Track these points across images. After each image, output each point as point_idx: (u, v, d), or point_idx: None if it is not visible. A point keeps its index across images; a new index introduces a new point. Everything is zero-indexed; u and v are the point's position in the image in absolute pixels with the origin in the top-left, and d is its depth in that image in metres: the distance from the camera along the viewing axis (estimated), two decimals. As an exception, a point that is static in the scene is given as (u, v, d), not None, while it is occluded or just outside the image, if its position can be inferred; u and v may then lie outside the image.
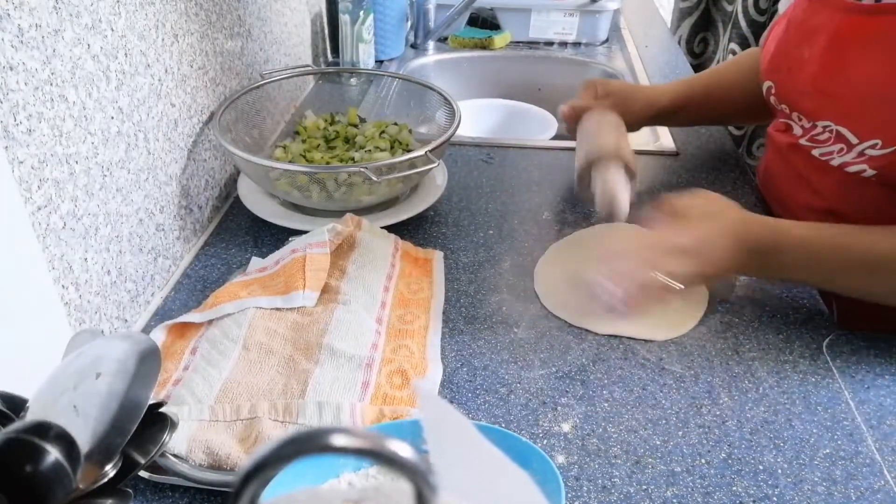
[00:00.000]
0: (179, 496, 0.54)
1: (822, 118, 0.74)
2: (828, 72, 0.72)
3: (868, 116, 0.69)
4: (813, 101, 0.75)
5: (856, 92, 0.70)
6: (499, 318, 0.73)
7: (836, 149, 0.74)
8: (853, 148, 0.72)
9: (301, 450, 0.20)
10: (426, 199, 0.89)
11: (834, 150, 0.74)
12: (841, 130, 0.72)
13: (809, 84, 0.75)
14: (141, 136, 0.71)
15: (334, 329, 0.65)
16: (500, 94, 1.40)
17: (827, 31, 0.72)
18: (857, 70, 0.69)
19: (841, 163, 0.74)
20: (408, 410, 0.57)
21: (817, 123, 0.75)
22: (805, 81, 0.75)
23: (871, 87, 0.68)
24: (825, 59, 0.72)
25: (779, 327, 0.72)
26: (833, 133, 0.74)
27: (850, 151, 0.72)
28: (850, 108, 0.71)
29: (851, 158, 0.72)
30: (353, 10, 1.24)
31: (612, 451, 0.58)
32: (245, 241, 0.85)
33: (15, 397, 0.38)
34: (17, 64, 0.53)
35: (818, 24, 0.74)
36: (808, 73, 0.74)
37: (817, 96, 0.75)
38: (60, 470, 0.31)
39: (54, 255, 0.59)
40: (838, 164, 0.74)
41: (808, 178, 0.81)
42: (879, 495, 0.55)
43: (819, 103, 0.75)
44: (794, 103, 0.79)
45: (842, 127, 0.72)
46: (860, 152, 0.71)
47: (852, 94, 0.70)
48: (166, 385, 0.62)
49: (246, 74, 0.98)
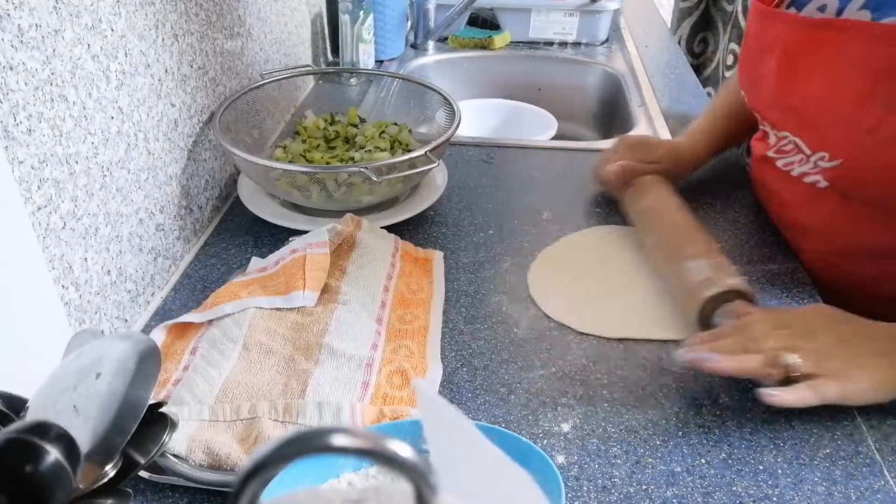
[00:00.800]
0: (179, 496, 0.54)
1: (784, 129, 0.75)
2: (784, 85, 0.73)
3: (817, 128, 0.70)
4: (776, 113, 0.76)
5: (809, 103, 0.70)
6: (499, 318, 0.73)
7: (796, 159, 0.75)
8: (809, 159, 0.73)
9: (301, 450, 0.20)
10: (426, 199, 0.89)
11: (795, 160, 0.75)
12: (797, 141, 0.73)
13: (770, 97, 0.76)
14: (141, 136, 0.71)
15: (334, 329, 0.65)
16: (500, 94, 1.40)
17: (780, 45, 0.72)
18: (808, 83, 0.70)
19: (800, 173, 0.75)
20: (408, 410, 0.57)
21: (780, 134, 0.76)
22: (767, 94, 0.76)
23: (819, 100, 0.69)
24: (781, 73, 0.73)
25: (779, 327, 0.72)
26: (793, 144, 0.75)
27: (807, 162, 0.73)
28: (805, 119, 0.72)
29: (808, 169, 0.73)
30: (353, 10, 1.24)
31: (612, 451, 0.58)
32: (245, 241, 0.85)
33: (15, 397, 0.38)
34: (17, 64, 0.53)
35: (772, 38, 0.74)
36: (769, 86, 0.75)
37: (779, 108, 0.75)
38: (60, 470, 0.31)
39: (54, 255, 0.59)
40: (798, 174, 0.75)
41: (775, 190, 0.82)
42: (879, 495, 0.55)
43: (782, 114, 0.75)
44: (762, 114, 0.80)
45: (797, 137, 0.73)
46: (814, 163, 0.72)
47: (805, 106, 0.71)
48: (166, 385, 0.62)
49: (246, 74, 0.98)
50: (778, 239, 0.85)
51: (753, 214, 0.90)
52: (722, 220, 0.89)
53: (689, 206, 0.82)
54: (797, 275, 0.79)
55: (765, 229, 0.87)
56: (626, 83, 1.34)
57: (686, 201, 0.83)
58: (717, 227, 0.87)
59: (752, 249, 0.83)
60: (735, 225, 0.88)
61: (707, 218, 0.89)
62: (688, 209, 0.81)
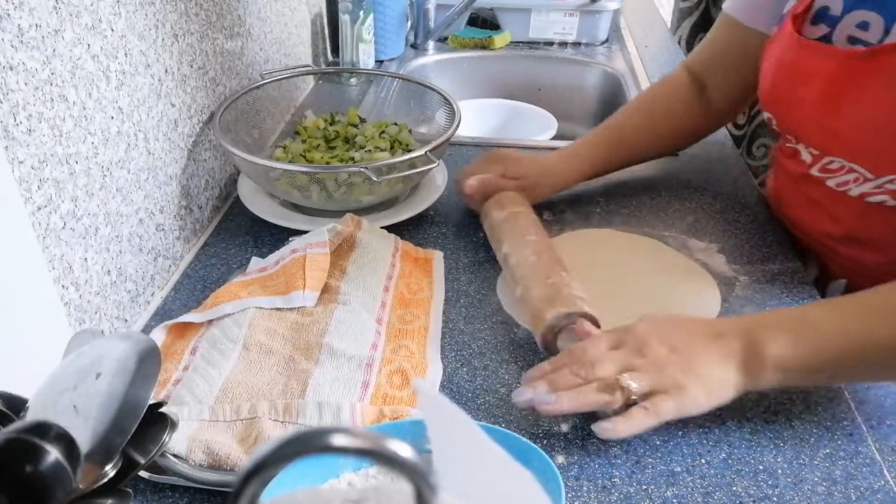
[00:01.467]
0: (179, 496, 0.54)
1: (832, 154, 0.72)
2: (827, 111, 0.70)
3: (879, 153, 0.67)
4: (818, 137, 0.73)
5: (860, 130, 0.67)
6: (499, 319, 0.73)
7: (851, 178, 0.72)
8: (870, 181, 0.70)
9: (301, 450, 0.20)
10: (426, 199, 0.89)
11: (849, 179, 0.72)
12: (854, 167, 0.70)
13: (811, 121, 0.73)
14: (141, 136, 0.71)
15: (334, 329, 0.65)
16: (500, 94, 1.40)
17: (822, 76, 0.69)
18: (856, 110, 0.67)
19: (860, 193, 0.72)
20: (408, 410, 0.57)
21: (831, 159, 0.73)
22: (806, 118, 0.73)
23: (875, 124, 0.66)
24: (823, 100, 0.70)
25: (779, 327, 0.72)
26: (846, 167, 0.71)
27: (866, 183, 0.70)
28: (858, 146, 0.69)
29: (870, 189, 0.70)
30: (353, 10, 1.24)
31: (612, 451, 0.58)
32: (245, 241, 0.85)
33: (15, 397, 0.38)
34: (17, 64, 0.53)
35: (812, 70, 0.71)
36: (808, 111, 0.72)
37: (821, 132, 0.72)
38: (60, 470, 0.31)
39: (54, 255, 0.59)
40: (857, 193, 0.72)
41: (824, 206, 0.78)
42: (879, 495, 0.55)
43: (824, 139, 0.72)
44: (800, 136, 0.76)
45: (854, 164, 0.70)
46: (879, 185, 0.69)
47: (857, 132, 0.68)
48: (166, 385, 0.62)
49: (246, 74, 0.98)
50: (778, 239, 0.85)
51: (753, 214, 0.90)
52: (722, 220, 0.89)
53: (689, 206, 0.82)
54: (797, 275, 0.79)
55: (765, 229, 0.87)
56: (626, 83, 1.34)
57: (685, 201, 0.82)
58: (717, 227, 0.87)
59: (752, 249, 0.83)
60: (735, 225, 0.88)
61: (707, 218, 0.89)
62: (541, 227, 0.78)
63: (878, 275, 0.76)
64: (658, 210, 0.91)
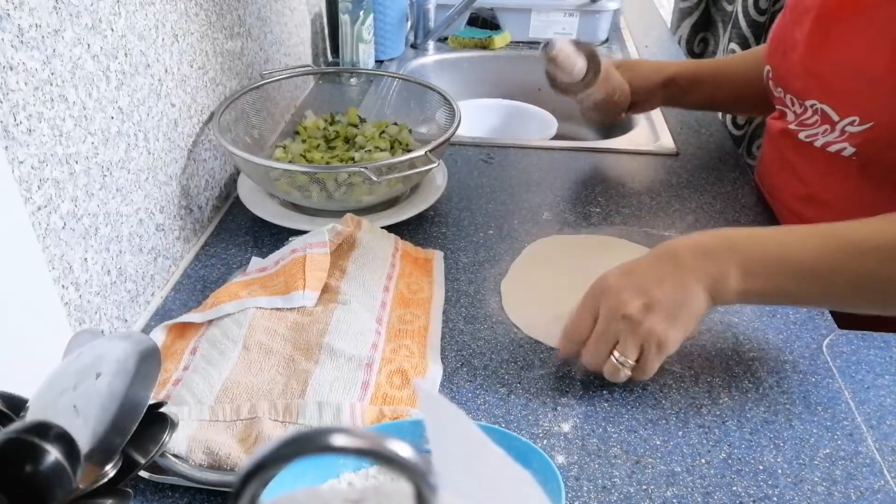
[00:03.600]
0: (179, 496, 0.54)
1: (809, 97, 0.76)
2: (813, 50, 0.74)
3: (848, 92, 0.71)
4: (802, 81, 0.78)
5: (838, 69, 0.72)
6: (499, 318, 0.73)
7: (820, 130, 0.76)
8: (835, 126, 0.73)
9: (301, 450, 0.20)
10: (426, 199, 0.89)
11: (819, 131, 0.76)
12: (824, 108, 0.74)
13: (799, 64, 0.77)
14: (141, 136, 0.71)
15: (334, 329, 0.65)
16: (500, 94, 1.40)
17: (814, 9, 0.74)
18: (840, 47, 0.71)
19: (824, 143, 0.76)
20: (408, 410, 0.57)
21: (805, 104, 0.77)
22: (796, 62, 0.78)
23: (852, 63, 0.70)
24: (811, 39, 0.74)
25: (779, 327, 0.72)
26: (819, 113, 0.75)
27: (833, 131, 0.74)
28: (832, 85, 0.73)
29: (834, 138, 0.74)
30: (353, 10, 1.24)
31: (612, 451, 0.58)
32: (245, 241, 0.85)
33: (15, 397, 0.38)
34: (17, 64, 0.53)
35: (809, 4, 0.76)
36: (798, 54, 0.77)
37: (805, 76, 0.77)
38: (60, 470, 0.31)
39: (54, 255, 0.59)
40: (821, 144, 0.76)
41: (794, 165, 0.83)
42: (879, 495, 0.55)
43: (806, 83, 0.77)
44: (787, 85, 0.81)
45: (824, 105, 0.74)
46: (841, 130, 0.73)
47: (835, 71, 0.72)
48: (166, 385, 0.62)
49: (246, 74, 0.98)
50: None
51: (754, 214, 0.90)
52: (722, 220, 0.89)
53: (689, 206, 0.82)
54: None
55: (765, 229, 0.87)
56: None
57: (685, 201, 0.83)
58: (716, 227, 0.87)
59: (752, 249, 0.83)
60: (735, 225, 0.88)
61: (707, 218, 0.89)
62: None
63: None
64: (658, 210, 0.91)
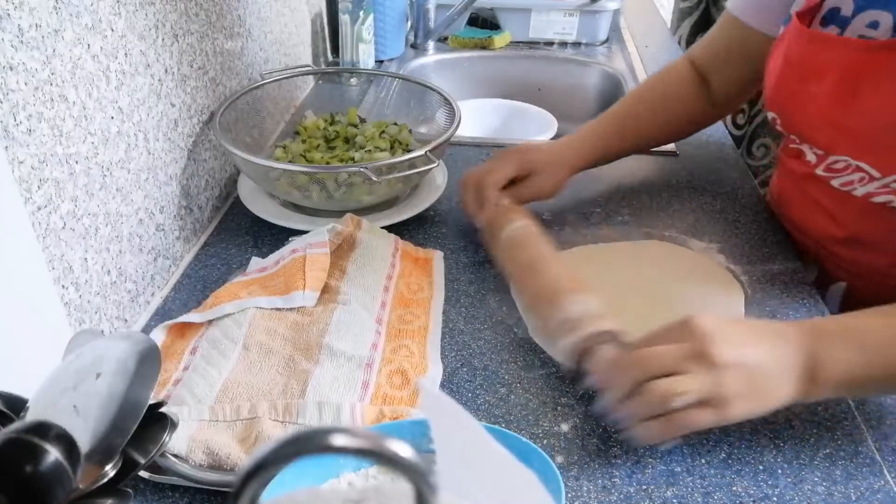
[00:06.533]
0: (179, 496, 0.54)
1: (838, 152, 0.71)
2: (840, 106, 0.68)
3: (889, 151, 0.66)
4: (825, 136, 0.72)
5: (872, 126, 0.66)
6: (499, 318, 0.73)
7: (856, 178, 0.71)
8: (876, 180, 0.69)
9: (301, 450, 0.20)
10: (426, 199, 0.89)
11: (854, 178, 0.71)
12: (861, 165, 0.69)
13: (819, 118, 0.71)
14: (141, 136, 0.71)
15: (334, 329, 0.65)
16: (500, 94, 1.40)
17: (837, 68, 0.68)
18: (872, 104, 0.66)
19: (865, 193, 0.71)
20: (408, 410, 0.57)
21: (836, 157, 0.72)
22: (814, 116, 0.72)
23: (888, 120, 0.65)
24: (836, 95, 0.68)
25: (779, 327, 0.72)
26: (852, 166, 0.70)
27: (872, 182, 0.69)
28: (867, 144, 0.68)
29: (876, 189, 0.69)
30: (353, 10, 1.24)
31: (612, 451, 0.58)
32: (245, 241, 0.85)
33: (15, 397, 0.38)
34: (17, 64, 0.53)
35: (825, 62, 0.69)
36: (818, 108, 0.71)
37: (829, 130, 0.71)
38: (60, 470, 0.31)
39: (54, 255, 0.59)
40: (862, 193, 0.71)
41: (826, 207, 0.77)
42: (879, 495, 0.55)
43: (832, 137, 0.71)
44: (805, 136, 0.75)
45: (860, 162, 0.69)
46: (885, 184, 0.68)
47: (868, 128, 0.67)
48: (166, 385, 0.62)
49: (246, 74, 0.98)
50: (778, 239, 0.85)
51: (753, 214, 0.90)
52: (722, 220, 0.89)
53: (689, 206, 0.82)
54: (797, 275, 0.79)
55: (765, 229, 0.87)
56: (625, 83, 1.34)
57: (685, 201, 0.81)
58: (717, 227, 0.87)
59: (752, 249, 0.83)
60: (735, 225, 0.88)
61: (707, 218, 0.89)
62: (546, 242, 0.74)
63: (879, 277, 0.76)
64: (658, 210, 0.91)
